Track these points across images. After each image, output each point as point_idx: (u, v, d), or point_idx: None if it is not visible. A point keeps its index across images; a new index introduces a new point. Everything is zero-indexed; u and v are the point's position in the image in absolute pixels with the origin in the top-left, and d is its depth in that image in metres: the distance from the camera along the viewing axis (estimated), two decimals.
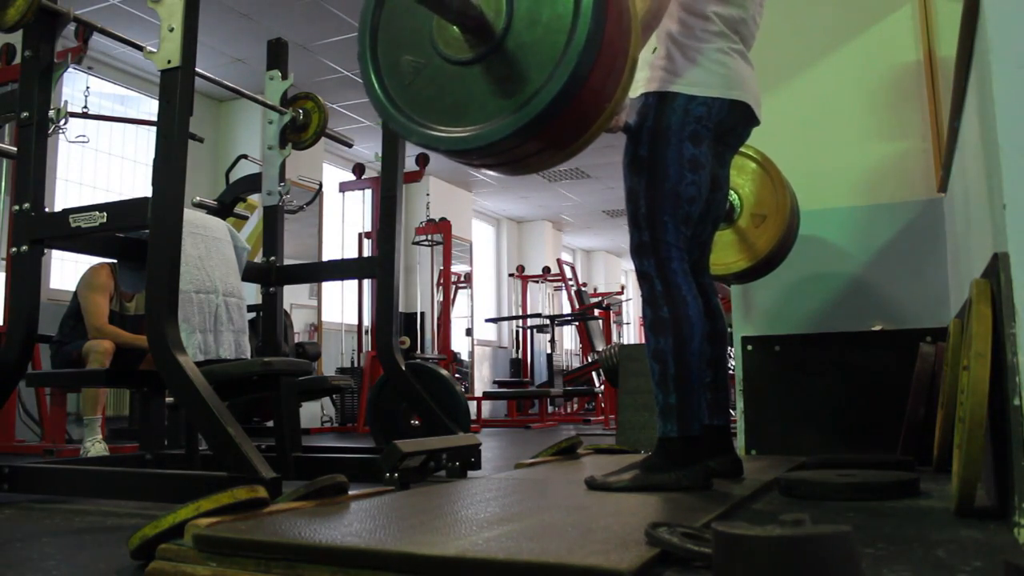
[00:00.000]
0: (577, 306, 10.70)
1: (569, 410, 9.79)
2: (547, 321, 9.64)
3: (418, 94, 1.23)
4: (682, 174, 1.88)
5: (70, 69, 3.46)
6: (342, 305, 7.80)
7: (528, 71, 1.17)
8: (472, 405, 6.47)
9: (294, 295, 7.29)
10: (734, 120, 1.99)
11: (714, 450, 2.02)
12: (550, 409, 8.75)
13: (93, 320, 3.60)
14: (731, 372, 2.62)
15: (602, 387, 8.21)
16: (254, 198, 3.76)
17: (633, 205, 1.92)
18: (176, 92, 2.02)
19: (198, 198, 3.45)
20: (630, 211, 1.94)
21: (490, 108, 1.17)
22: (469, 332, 9.15)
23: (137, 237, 2.51)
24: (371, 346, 6.82)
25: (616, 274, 14.83)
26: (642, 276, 1.90)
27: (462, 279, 9.21)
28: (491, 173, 9.95)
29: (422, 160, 7.32)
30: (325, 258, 7.52)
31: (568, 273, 11.09)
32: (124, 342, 3.59)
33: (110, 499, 2.15)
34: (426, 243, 8.04)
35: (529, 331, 10.10)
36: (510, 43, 1.18)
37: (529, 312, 10.95)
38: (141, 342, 3.55)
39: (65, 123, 2.94)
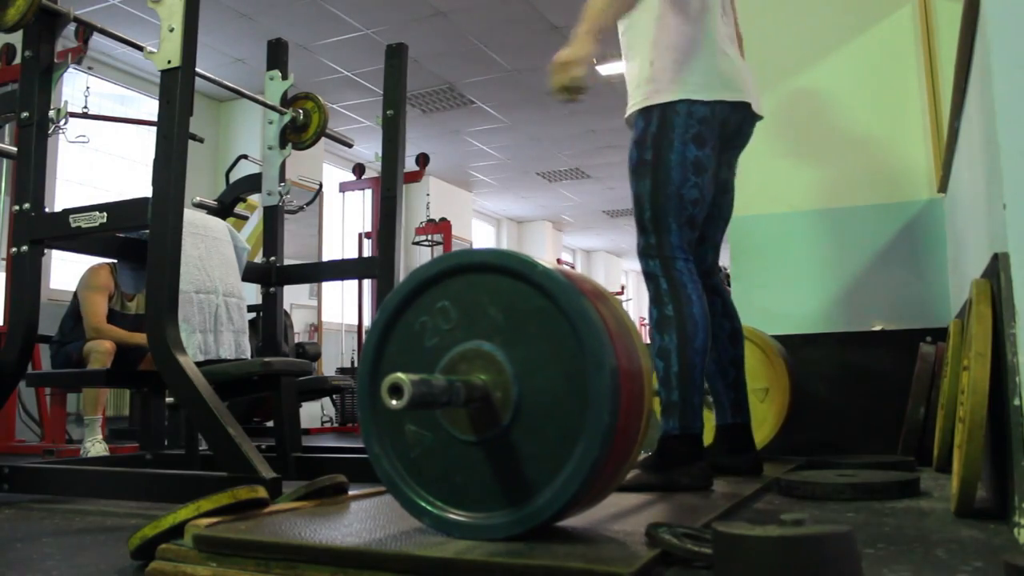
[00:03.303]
0: None
1: None
2: None
3: (424, 468, 1.19)
4: (685, 176, 1.90)
5: (70, 69, 3.45)
6: (342, 305, 7.79)
7: (535, 470, 1.12)
8: None
9: (294, 295, 7.29)
10: (738, 120, 2.00)
11: (736, 447, 2.08)
12: None
13: (91, 320, 3.60)
14: None
15: None
16: (254, 198, 3.75)
17: (639, 209, 1.95)
18: (176, 92, 2.01)
19: (198, 198, 3.44)
20: (636, 215, 1.96)
21: (495, 499, 1.14)
22: None
23: (137, 237, 2.51)
24: None
25: (616, 274, 14.83)
26: (648, 277, 1.94)
27: None
28: (491, 173, 9.96)
29: (422, 160, 7.31)
30: (325, 258, 7.51)
31: None
32: (123, 341, 3.60)
33: (110, 499, 2.15)
34: (426, 243, 8.03)
35: None
36: (516, 433, 1.13)
37: None
38: (140, 340, 3.55)
39: (65, 123, 2.93)
